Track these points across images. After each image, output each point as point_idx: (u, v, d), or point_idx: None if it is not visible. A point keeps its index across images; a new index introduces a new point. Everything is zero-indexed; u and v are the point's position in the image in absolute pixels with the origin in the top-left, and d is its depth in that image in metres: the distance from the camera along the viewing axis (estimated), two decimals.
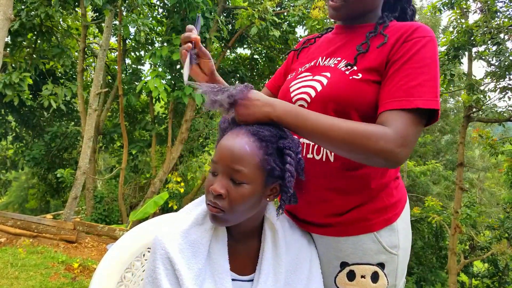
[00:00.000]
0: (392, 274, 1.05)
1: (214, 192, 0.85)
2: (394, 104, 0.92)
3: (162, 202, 6.55)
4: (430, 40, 0.97)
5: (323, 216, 1.07)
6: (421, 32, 0.99)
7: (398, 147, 0.88)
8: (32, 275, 4.06)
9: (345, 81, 1.01)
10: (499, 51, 8.16)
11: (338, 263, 1.06)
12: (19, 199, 15.76)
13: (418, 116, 0.91)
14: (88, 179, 8.65)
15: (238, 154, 0.86)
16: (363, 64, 1.02)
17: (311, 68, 1.15)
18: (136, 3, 7.11)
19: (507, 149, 9.55)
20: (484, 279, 12.03)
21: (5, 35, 5.22)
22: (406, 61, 0.95)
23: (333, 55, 1.12)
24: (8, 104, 8.19)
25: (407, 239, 1.09)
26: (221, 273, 0.91)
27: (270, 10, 7.35)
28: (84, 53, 8.30)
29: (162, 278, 0.87)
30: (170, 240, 0.90)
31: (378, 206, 1.04)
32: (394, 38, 1.00)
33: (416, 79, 0.93)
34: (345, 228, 1.04)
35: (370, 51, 1.03)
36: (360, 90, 0.99)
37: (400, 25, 1.05)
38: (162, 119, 10.53)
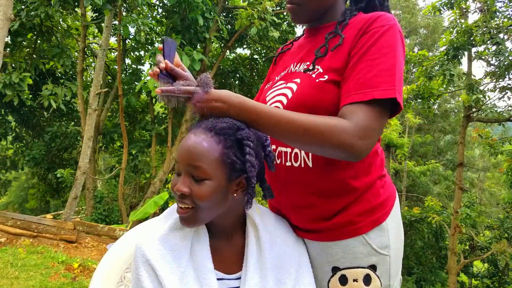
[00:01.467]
0: (385, 275, 1.03)
1: (177, 191, 0.86)
2: (351, 97, 0.91)
3: (162, 202, 6.54)
4: (389, 29, 0.94)
5: (310, 221, 1.06)
6: (379, 21, 0.96)
7: (358, 139, 0.87)
8: (32, 275, 4.07)
9: (312, 85, 1.00)
10: (498, 51, 8.17)
11: (330, 267, 1.05)
12: (19, 199, 15.76)
13: (378, 107, 0.90)
14: (88, 179, 8.65)
15: (196, 151, 0.85)
16: (327, 64, 1.01)
17: (284, 76, 1.14)
18: (135, 3, 7.11)
19: (507, 149, 9.55)
20: (484, 279, 12.03)
21: (5, 35, 5.22)
22: (363, 53, 0.94)
23: (302, 60, 1.11)
24: (8, 104, 8.19)
25: (398, 238, 1.07)
26: (205, 274, 0.90)
27: (270, 10, 7.35)
28: (84, 53, 8.31)
29: (147, 285, 0.87)
30: (150, 247, 0.90)
31: (364, 208, 1.02)
32: (354, 33, 0.98)
33: (373, 70, 0.91)
34: (333, 232, 1.03)
35: (330, 52, 1.02)
36: (327, 91, 0.98)
37: (361, 18, 1.01)
38: (162, 119, 10.54)
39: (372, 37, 0.94)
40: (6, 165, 10.75)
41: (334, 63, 0.99)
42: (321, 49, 1.04)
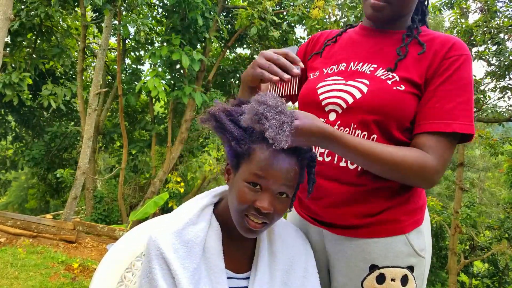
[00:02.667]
0: (420, 277, 1.03)
1: (264, 210, 0.86)
2: (433, 126, 0.94)
3: (162, 202, 6.54)
4: (466, 59, 0.97)
5: (352, 217, 1.04)
6: (458, 49, 0.98)
7: (437, 174, 0.93)
8: (32, 275, 4.06)
9: (388, 91, 0.98)
10: (499, 51, 8.16)
11: (367, 266, 1.03)
12: (19, 199, 15.75)
13: (453, 139, 0.94)
14: (88, 179, 8.64)
15: (291, 175, 0.88)
16: (403, 74, 1.00)
17: (342, 72, 1.09)
18: (135, 3, 7.11)
19: (507, 149, 9.55)
20: (484, 279, 12.03)
21: (5, 35, 5.21)
22: (443, 81, 0.96)
23: (366, 60, 1.07)
24: (8, 104, 8.18)
25: (430, 243, 1.09)
26: (217, 272, 0.91)
27: (270, 10, 7.34)
28: (83, 53, 8.30)
29: (159, 278, 0.87)
30: (164, 240, 0.90)
31: (409, 208, 1.03)
32: (432, 51, 0.99)
33: (452, 101, 0.94)
34: (376, 229, 1.02)
35: (408, 58, 1.01)
36: (403, 102, 0.98)
37: (433, 35, 1.03)
38: (162, 119, 10.53)
39: (453, 64, 0.97)
40: (6, 165, 10.74)
41: (410, 74, 0.99)
42: (401, 48, 1.03)
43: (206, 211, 0.99)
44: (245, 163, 0.89)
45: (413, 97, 0.98)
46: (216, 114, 0.92)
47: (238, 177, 0.90)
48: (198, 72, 8.30)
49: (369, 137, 1.01)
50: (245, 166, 0.89)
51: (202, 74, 8.61)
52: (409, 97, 0.98)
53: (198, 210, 0.97)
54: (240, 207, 0.88)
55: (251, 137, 0.89)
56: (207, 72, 9.15)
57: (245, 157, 0.89)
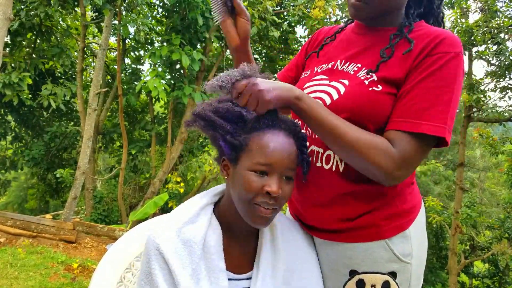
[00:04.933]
0: (405, 283, 1.00)
1: (274, 193, 0.86)
2: (402, 125, 0.91)
3: (162, 202, 6.54)
4: (454, 57, 0.91)
5: (333, 221, 1.03)
6: (445, 45, 0.92)
7: (397, 169, 0.89)
8: (31, 275, 4.05)
9: (363, 93, 0.97)
10: (499, 51, 8.17)
11: (347, 271, 1.01)
12: (19, 199, 15.75)
13: (425, 140, 0.90)
14: (87, 179, 8.64)
15: (293, 156, 0.91)
16: (383, 74, 0.97)
17: (328, 71, 1.09)
18: (135, 2, 7.10)
19: (508, 149, 9.55)
20: (484, 279, 12.02)
21: (5, 34, 5.20)
22: (423, 78, 0.91)
23: (352, 59, 1.06)
24: (8, 104, 8.17)
25: (421, 247, 1.04)
26: (217, 273, 0.90)
27: (270, 10, 7.33)
28: (83, 53, 8.30)
29: (159, 279, 0.86)
30: (164, 240, 0.89)
31: (390, 212, 1.00)
32: (419, 48, 0.95)
33: (429, 100, 0.90)
34: (354, 234, 1.00)
35: (394, 57, 0.98)
36: (378, 103, 0.95)
37: (426, 31, 0.97)
38: (162, 119, 10.52)
39: (435, 63, 0.91)
40: (6, 165, 10.74)
41: (392, 73, 0.96)
42: (386, 50, 0.99)
43: (205, 210, 0.98)
44: (245, 154, 0.90)
45: (391, 97, 0.95)
46: (203, 113, 0.93)
47: (241, 168, 0.89)
48: (198, 72, 8.29)
49: None
50: (246, 156, 0.89)
51: (202, 74, 8.60)
52: (385, 97, 0.95)
53: (197, 209, 0.96)
54: (248, 196, 0.87)
55: (244, 127, 0.91)
56: (207, 72, 9.15)
57: (244, 148, 0.90)
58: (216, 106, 0.94)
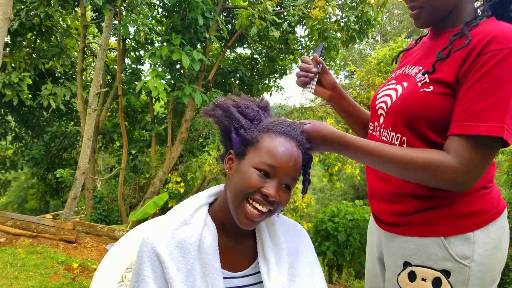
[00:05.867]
0: (460, 285, 0.99)
1: (271, 197, 0.87)
2: (457, 129, 0.91)
3: (162, 202, 6.53)
4: (508, 54, 0.87)
5: (392, 215, 1.10)
6: (497, 43, 0.89)
7: (460, 175, 0.89)
8: (31, 275, 4.05)
9: (414, 93, 1.00)
10: None
11: (402, 262, 1.07)
12: (19, 199, 15.75)
13: (483, 141, 0.88)
14: (87, 179, 8.63)
15: (297, 167, 0.92)
16: (435, 75, 0.99)
17: (399, 75, 1.16)
18: (135, 2, 7.10)
19: (508, 149, 9.55)
20: None
21: (5, 34, 5.20)
22: (477, 80, 0.89)
23: (417, 63, 1.10)
24: (8, 104, 8.17)
25: (491, 256, 1.01)
26: (212, 273, 0.90)
27: (270, 10, 7.33)
28: (83, 53, 8.29)
29: (150, 281, 0.86)
30: (159, 242, 0.89)
31: (450, 213, 1.01)
32: (469, 47, 0.93)
33: (484, 101, 0.88)
34: (411, 228, 1.06)
35: (449, 57, 0.98)
36: (429, 103, 0.97)
37: (483, 28, 0.94)
38: (162, 119, 10.52)
39: (488, 62, 0.89)
40: (6, 165, 10.73)
41: (443, 75, 0.97)
42: (443, 51, 1.00)
43: (200, 211, 0.97)
44: (253, 151, 0.91)
45: (444, 97, 0.96)
46: (224, 104, 0.96)
47: (245, 163, 0.90)
48: (198, 72, 8.29)
49: (401, 139, 1.05)
50: (254, 153, 0.90)
51: (202, 74, 8.60)
52: (437, 97, 0.96)
53: (192, 210, 0.96)
54: (245, 190, 0.88)
55: (259, 126, 0.94)
56: (207, 72, 9.14)
57: (254, 144, 0.91)
58: (238, 101, 0.98)
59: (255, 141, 0.91)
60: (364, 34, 7.40)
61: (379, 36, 20.76)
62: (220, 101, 0.97)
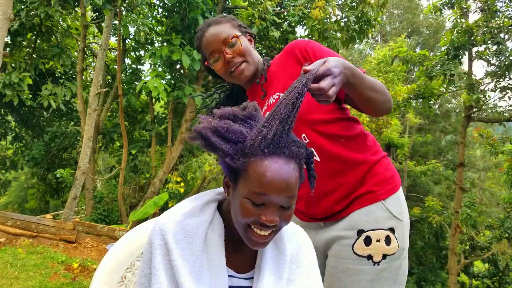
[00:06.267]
0: (400, 238, 1.21)
1: (271, 223, 0.84)
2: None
3: (162, 202, 6.54)
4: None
5: (336, 203, 1.24)
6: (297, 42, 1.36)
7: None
8: (31, 275, 4.05)
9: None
10: (499, 51, 8.17)
11: (355, 232, 1.21)
12: (19, 199, 15.75)
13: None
14: (87, 179, 8.63)
15: (292, 184, 0.85)
16: (277, 90, 1.34)
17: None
18: (135, 2, 7.10)
19: (507, 149, 9.54)
20: (484, 279, 12.03)
21: (5, 34, 5.20)
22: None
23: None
24: (8, 104, 8.17)
25: (406, 209, 1.27)
26: (217, 267, 0.90)
27: (270, 10, 7.33)
28: (83, 53, 8.29)
29: (160, 268, 0.87)
30: (167, 231, 0.90)
31: (379, 179, 1.22)
32: (296, 57, 1.33)
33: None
34: (357, 202, 1.22)
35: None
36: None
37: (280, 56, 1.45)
38: (162, 119, 10.52)
39: (310, 51, 1.31)
40: (6, 165, 10.74)
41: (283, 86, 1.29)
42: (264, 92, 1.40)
43: (209, 206, 0.98)
44: (243, 179, 0.86)
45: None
46: (203, 132, 0.89)
47: (238, 193, 0.87)
48: (198, 72, 8.29)
49: (303, 138, 1.28)
50: (243, 182, 0.86)
51: (202, 74, 8.60)
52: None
53: (201, 204, 0.97)
54: (244, 221, 0.86)
55: (244, 150, 0.86)
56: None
57: (242, 173, 0.86)
58: (216, 124, 0.89)
59: (242, 169, 0.86)
60: (364, 34, 7.40)
61: (379, 36, 20.75)
62: (199, 129, 0.90)
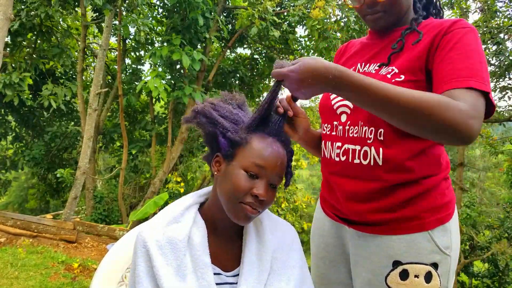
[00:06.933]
0: (445, 275, 1.02)
1: (262, 197, 0.90)
2: (449, 85, 0.90)
3: (162, 202, 6.54)
4: (470, 31, 0.97)
5: (371, 213, 1.06)
6: (460, 24, 0.98)
7: (471, 118, 0.82)
8: (32, 275, 4.06)
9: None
10: (499, 51, 8.16)
11: (390, 262, 1.03)
12: (19, 199, 15.76)
13: (478, 94, 0.88)
14: (88, 179, 8.64)
15: (284, 165, 0.96)
16: (403, 64, 1.02)
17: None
18: (136, 3, 7.10)
19: (507, 149, 9.55)
20: (484, 279, 12.02)
21: (5, 35, 5.21)
22: (449, 49, 0.95)
23: (372, 61, 1.13)
24: (8, 104, 8.17)
25: (458, 242, 1.07)
26: (202, 268, 0.91)
27: (270, 10, 7.34)
28: (84, 53, 8.29)
29: (143, 275, 0.89)
30: (150, 237, 0.92)
31: (430, 205, 1.02)
32: (433, 33, 1.01)
33: (463, 62, 0.92)
34: (398, 226, 1.03)
35: (406, 49, 1.04)
36: None
37: (438, 21, 1.04)
38: (162, 119, 10.52)
39: (455, 35, 0.96)
40: (6, 165, 10.73)
41: (410, 62, 1.00)
42: (398, 43, 1.06)
43: (190, 210, 1.00)
44: (242, 152, 0.92)
45: (414, 84, 0.98)
46: (205, 110, 0.97)
47: (235, 166, 0.92)
48: (198, 72, 8.29)
49: (376, 132, 1.03)
50: (243, 154, 0.92)
51: (202, 74, 8.60)
52: (409, 85, 0.94)
53: (182, 209, 0.99)
54: (236, 194, 0.90)
55: (246, 127, 0.96)
56: (207, 72, 9.15)
57: (243, 145, 0.93)
58: (216, 103, 0.99)
59: (245, 142, 0.93)
60: (364, 34, 7.40)
61: None
62: (201, 108, 0.98)
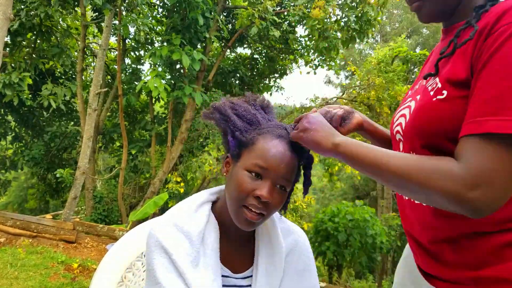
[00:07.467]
0: None
1: (264, 198, 0.87)
2: (464, 129, 0.70)
3: (162, 202, 6.53)
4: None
5: (453, 268, 0.81)
6: (509, 16, 0.68)
7: (468, 189, 0.65)
8: (31, 275, 4.05)
9: (427, 106, 0.80)
10: None
11: None
12: (19, 199, 15.76)
13: (498, 142, 0.65)
14: (87, 179, 8.63)
15: (290, 168, 0.91)
16: (446, 75, 0.78)
17: (415, 90, 0.94)
18: (135, 2, 7.10)
19: None
20: None
21: (5, 34, 5.20)
22: (484, 64, 0.69)
23: (429, 70, 0.90)
24: (8, 104, 8.17)
25: None
26: (213, 268, 0.91)
27: (270, 10, 7.33)
28: (83, 53, 8.29)
29: (158, 268, 0.88)
30: (163, 231, 0.91)
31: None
32: (477, 32, 0.74)
33: (492, 88, 0.67)
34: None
35: (457, 53, 0.78)
36: (445, 113, 0.76)
37: (495, 8, 0.75)
38: (162, 119, 10.52)
39: (497, 39, 0.68)
40: (6, 165, 10.74)
41: (455, 73, 0.76)
42: (449, 46, 0.80)
43: (204, 207, 0.99)
44: (247, 152, 0.91)
45: (462, 100, 0.74)
46: (221, 107, 0.97)
47: (239, 166, 0.91)
48: (198, 72, 8.29)
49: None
50: (247, 155, 0.91)
51: (202, 74, 8.60)
52: (454, 103, 0.75)
53: (196, 205, 0.98)
54: (239, 196, 0.89)
55: (257, 129, 0.94)
56: (207, 72, 9.14)
57: (248, 146, 0.91)
58: (235, 102, 0.99)
59: (250, 143, 0.92)
60: (364, 34, 7.40)
61: (379, 36, 20.77)
62: (218, 104, 0.98)
